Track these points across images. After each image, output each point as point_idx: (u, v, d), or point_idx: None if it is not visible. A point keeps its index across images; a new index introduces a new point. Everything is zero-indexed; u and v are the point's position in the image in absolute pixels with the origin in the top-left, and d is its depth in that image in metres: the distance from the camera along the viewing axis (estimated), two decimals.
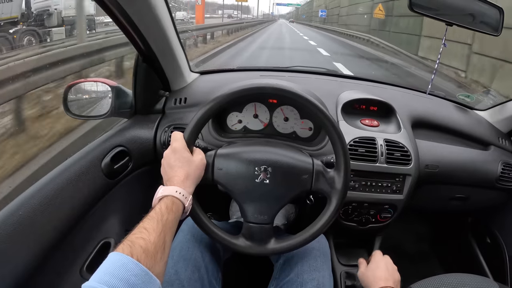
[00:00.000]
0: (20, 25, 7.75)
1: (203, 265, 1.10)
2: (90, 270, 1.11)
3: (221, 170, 1.01)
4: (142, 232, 0.73)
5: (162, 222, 0.77)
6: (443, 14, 1.33)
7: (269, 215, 1.01)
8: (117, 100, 1.36)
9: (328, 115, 1.00)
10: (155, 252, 0.71)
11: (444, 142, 1.50)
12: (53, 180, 1.06)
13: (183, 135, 0.99)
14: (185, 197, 0.87)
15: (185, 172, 0.92)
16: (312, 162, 1.04)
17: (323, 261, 1.16)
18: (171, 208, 0.83)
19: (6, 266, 0.86)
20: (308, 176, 1.01)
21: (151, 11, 1.15)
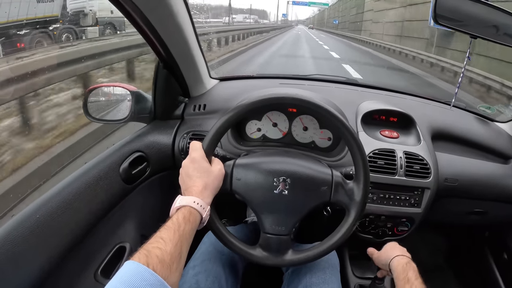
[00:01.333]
0: (60, 23, 8.73)
1: (223, 276, 1.11)
2: (104, 274, 1.12)
3: (240, 181, 1.00)
4: (158, 242, 0.73)
5: (179, 233, 0.77)
6: (467, 25, 1.31)
7: (287, 227, 1.00)
8: (137, 105, 1.37)
9: (348, 127, 0.99)
10: (171, 263, 0.71)
11: (464, 155, 1.47)
12: (71, 184, 1.06)
13: (202, 144, 0.99)
14: (202, 207, 0.87)
15: (204, 182, 0.92)
16: (331, 173, 1.02)
17: (332, 273, 1.15)
18: (188, 218, 0.83)
19: (23, 268, 0.86)
20: (327, 188, 1.00)
21: (173, 18, 1.16)
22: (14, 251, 0.85)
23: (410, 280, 0.89)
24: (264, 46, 18.87)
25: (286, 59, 13.94)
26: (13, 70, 4.22)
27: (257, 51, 15.63)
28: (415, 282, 0.88)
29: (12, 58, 5.65)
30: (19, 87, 4.11)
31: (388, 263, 1.03)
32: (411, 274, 0.92)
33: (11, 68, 4.37)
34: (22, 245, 0.86)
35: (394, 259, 1.01)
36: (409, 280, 0.90)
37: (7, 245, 0.84)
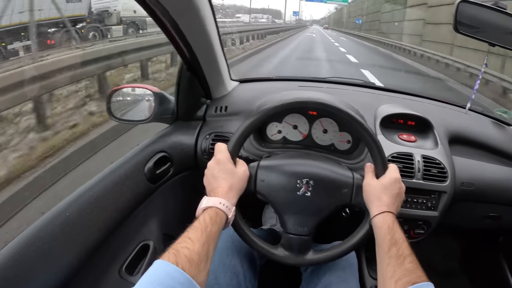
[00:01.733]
0: (87, 22, 9.73)
1: (241, 272, 1.12)
2: (128, 270, 1.15)
3: (264, 182, 1.03)
4: (187, 242, 0.75)
5: (206, 233, 0.80)
6: (485, 33, 1.32)
7: (309, 227, 1.03)
8: (160, 106, 1.39)
9: (370, 131, 1.01)
10: (199, 262, 0.73)
11: (480, 159, 1.47)
12: (99, 183, 1.10)
13: (227, 146, 1.01)
14: (228, 208, 0.89)
15: (229, 183, 0.94)
16: (352, 176, 1.05)
17: (351, 272, 1.16)
18: (215, 219, 0.85)
19: (51, 264, 0.89)
20: (348, 190, 1.03)
21: (201, 22, 1.18)
22: (45, 248, 0.88)
23: (398, 242, 0.85)
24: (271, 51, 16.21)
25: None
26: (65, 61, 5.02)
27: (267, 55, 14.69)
28: (403, 245, 0.85)
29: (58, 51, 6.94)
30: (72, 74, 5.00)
31: (371, 217, 0.96)
32: (398, 235, 0.87)
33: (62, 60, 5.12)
34: (52, 242, 0.89)
35: (379, 215, 0.93)
36: (396, 241, 0.85)
37: (37, 242, 0.87)
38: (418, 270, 0.79)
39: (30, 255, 0.84)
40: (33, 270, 0.85)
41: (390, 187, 0.98)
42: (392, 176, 1.00)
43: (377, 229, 0.92)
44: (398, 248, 0.84)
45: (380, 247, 0.88)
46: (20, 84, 3.98)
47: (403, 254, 0.82)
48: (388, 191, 0.97)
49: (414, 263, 0.80)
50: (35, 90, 4.17)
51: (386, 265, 0.83)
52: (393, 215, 0.93)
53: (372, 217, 0.95)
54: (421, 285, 0.74)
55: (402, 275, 0.78)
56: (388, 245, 0.86)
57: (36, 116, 4.33)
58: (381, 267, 0.85)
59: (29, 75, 4.20)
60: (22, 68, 4.61)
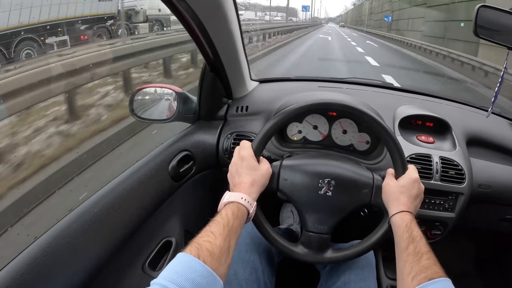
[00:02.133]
0: (117, 19, 10.59)
1: (260, 267, 1.14)
2: (151, 266, 1.18)
3: (287, 181, 1.06)
4: (209, 236, 0.77)
5: (228, 228, 0.81)
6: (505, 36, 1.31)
7: (329, 226, 1.05)
8: (183, 106, 1.43)
9: (390, 132, 1.03)
10: (220, 255, 0.75)
11: (497, 161, 1.46)
12: (125, 181, 1.13)
13: (251, 144, 1.04)
14: (250, 203, 0.91)
15: (252, 179, 0.96)
16: (372, 176, 1.07)
17: (369, 271, 1.18)
18: (237, 214, 0.86)
19: (80, 258, 0.93)
20: (369, 190, 1.04)
21: (227, 26, 1.21)
22: (74, 243, 0.91)
23: (415, 240, 0.86)
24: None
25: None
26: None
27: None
28: (420, 242, 0.85)
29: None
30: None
31: (390, 216, 0.98)
32: (416, 232, 0.88)
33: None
34: (81, 237, 0.93)
35: (397, 215, 0.95)
36: (414, 239, 0.86)
37: (67, 238, 0.91)
38: (435, 266, 0.79)
39: (59, 250, 0.88)
40: (63, 263, 0.88)
41: (409, 187, 0.99)
42: (410, 177, 1.01)
43: (395, 228, 0.94)
44: (416, 245, 0.85)
45: (398, 244, 0.90)
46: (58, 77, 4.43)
47: (421, 251, 0.83)
48: (407, 191, 0.98)
49: (431, 259, 0.81)
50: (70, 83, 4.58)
51: (404, 262, 0.84)
52: (411, 214, 0.94)
53: (391, 216, 0.97)
54: (437, 281, 0.75)
55: (419, 271, 0.78)
56: (406, 242, 0.87)
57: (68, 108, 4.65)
58: (399, 264, 0.87)
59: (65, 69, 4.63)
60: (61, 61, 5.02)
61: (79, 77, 4.79)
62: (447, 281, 0.76)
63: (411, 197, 0.98)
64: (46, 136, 3.99)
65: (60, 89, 4.41)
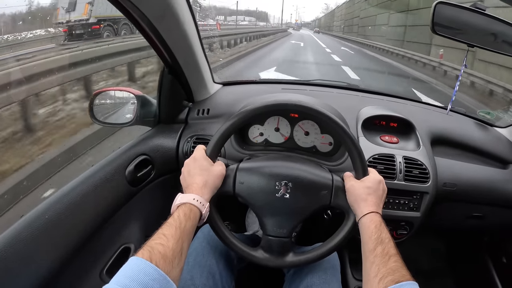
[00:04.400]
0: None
1: (217, 272, 1.12)
2: (109, 273, 1.14)
3: (243, 184, 1.03)
4: (161, 238, 0.76)
5: (180, 229, 0.80)
6: (464, 34, 1.32)
7: (288, 229, 1.03)
8: (142, 109, 1.40)
9: (348, 133, 1.01)
10: (173, 258, 0.74)
11: (463, 159, 1.47)
12: (79, 186, 1.09)
13: (206, 149, 1.02)
14: (202, 204, 0.90)
15: (204, 179, 0.95)
16: (331, 178, 1.05)
17: (333, 274, 1.16)
18: (189, 215, 0.85)
19: (30, 267, 0.89)
20: (328, 192, 1.02)
21: (180, 26, 1.19)
22: (24, 251, 0.87)
23: (384, 241, 0.85)
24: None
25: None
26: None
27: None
28: (388, 244, 0.85)
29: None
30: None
31: (358, 217, 0.96)
32: (384, 235, 0.87)
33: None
34: (31, 244, 0.89)
35: (366, 216, 0.93)
36: (382, 241, 0.85)
37: (17, 245, 0.86)
38: (402, 269, 0.78)
39: (8, 258, 0.84)
40: (11, 273, 0.84)
41: (375, 188, 0.99)
42: (375, 178, 1.01)
43: (364, 229, 0.92)
44: (384, 247, 0.84)
45: (366, 245, 0.88)
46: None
47: (389, 253, 0.82)
48: (374, 192, 0.98)
49: (398, 262, 0.80)
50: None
51: (371, 263, 0.83)
52: (380, 216, 0.94)
53: (360, 217, 0.95)
54: (404, 284, 0.74)
55: (386, 274, 0.77)
56: (374, 244, 0.86)
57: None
58: (366, 265, 0.85)
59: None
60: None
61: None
62: (414, 284, 0.74)
63: (378, 197, 0.98)
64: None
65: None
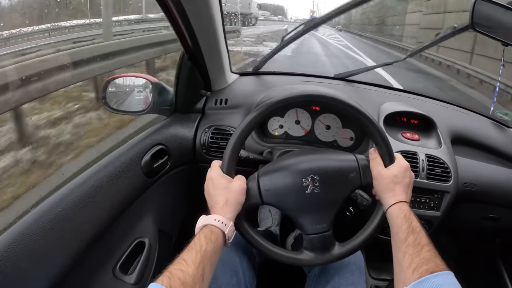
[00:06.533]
0: (250, 15, 29.27)
1: (240, 270, 1.09)
2: (123, 269, 1.09)
3: (269, 191, 0.96)
4: (181, 264, 0.74)
5: (200, 253, 0.77)
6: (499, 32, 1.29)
7: (327, 222, 0.97)
8: (158, 97, 1.34)
9: (375, 123, 0.98)
10: (193, 284, 0.71)
11: (481, 160, 1.45)
12: (93, 177, 1.04)
13: (220, 164, 0.97)
14: (224, 224, 0.86)
15: (224, 198, 0.90)
16: (355, 158, 1.01)
17: (359, 276, 1.12)
18: (210, 237, 0.82)
19: (41, 264, 0.84)
20: (356, 173, 0.98)
21: (208, 9, 1.15)
22: (34, 246, 0.82)
23: (415, 231, 0.83)
24: None
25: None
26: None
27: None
28: (420, 234, 0.82)
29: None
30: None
31: (386, 207, 0.94)
32: (415, 223, 0.85)
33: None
34: (42, 240, 0.84)
35: (394, 205, 0.91)
36: (413, 230, 0.83)
37: (26, 240, 0.81)
38: (436, 258, 0.76)
39: (17, 254, 0.79)
40: (21, 270, 0.79)
41: (402, 176, 0.95)
42: (402, 165, 0.98)
43: (393, 219, 0.90)
44: (416, 236, 0.81)
45: (397, 236, 0.85)
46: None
47: (421, 243, 0.80)
48: (401, 181, 0.95)
49: (432, 251, 0.78)
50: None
51: (403, 254, 0.80)
52: (408, 205, 0.91)
53: (388, 207, 0.92)
54: (439, 274, 0.72)
55: (420, 264, 0.75)
56: (406, 233, 0.83)
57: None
58: (397, 256, 0.82)
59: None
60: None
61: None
62: (450, 274, 0.73)
63: (405, 186, 0.95)
64: None
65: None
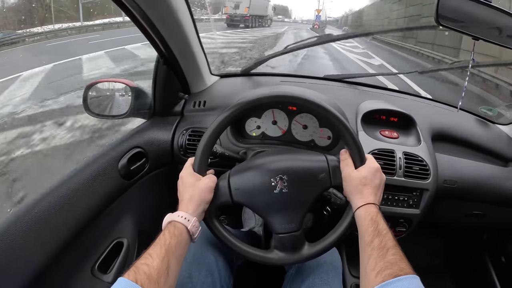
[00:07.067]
0: (266, 17, 33.04)
1: (216, 270, 1.09)
2: (101, 269, 1.12)
3: (239, 190, 0.98)
4: (146, 258, 0.76)
5: (165, 247, 0.80)
6: (469, 27, 1.29)
7: (296, 222, 0.98)
8: (136, 101, 1.37)
9: (347, 126, 0.98)
10: (158, 277, 0.74)
11: (463, 156, 1.44)
12: (70, 180, 1.07)
13: (192, 163, 0.99)
14: (187, 219, 0.88)
15: (189, 195, 0.93)
16: (325, 159, 1.01)
17: (334, 275, 1.13)
18: (173, 232, 0.84)
19: (19, 263, 0.87)
20: (325, 174, 0.98)
21: (173, 14, 1.15)
22: (13, 246, 0.86)
23: (381, 233, 0.82)
24: None
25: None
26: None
27: None
28: (386, 236, 0.81)
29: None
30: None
31: (354, 209, 0.93)
32: (381, 226, 0.84)
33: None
34: (20, 240, 0.87)
35: (362, 208, 0.91)
36: (379, 233, 0.82)
37: (5, 240, 0.85)
38: (401, 262, 0.75)
39: None
40: (0, 268, 0.83)
41: (371, 178, 0.95)
42: (371, 166, 0.97)
43: (360, 221, 0.89)
44: (381, 239, 0.81)
45: (363, 238, 0.85)
46: None
47: (386, 246, 0.79)
48: (370, 182, 0.94)
49: (397, 255, 0.77)
50: None
51: (368, 256, 0.80)
52: (377, 207, 0.91)
53: (356, 209, 0.92)
54: (403, 278, 0.70)
55: (384, 267, 0.74)
56: (371, 236, 0.83)
57: None
58: (363, 259, 0.82)
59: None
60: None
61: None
62: (415, 278, 0.71)
63: (375, 187, 0.94)
64: None
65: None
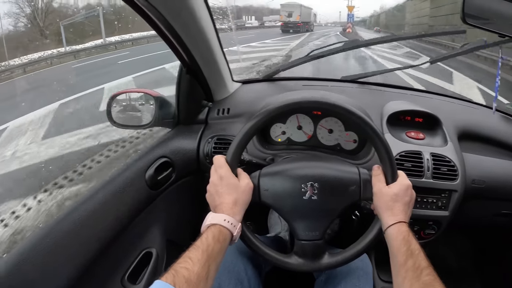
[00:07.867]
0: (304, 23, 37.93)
1: (246, 278, 1.08)
2: (131, 279, 1.12)
3: (268, 191, 0.98)
4: (186, 262, 0.74)
5: (207, 253, 0.78)
6: (495, 24, 1.27)
7: (320, 231, 0.97)
8: (160, 110, 1.38)
9: (375, 129, 0.96)
10: (198, 282, 0.72)
11: (490, 155, 1.41)
12: (98, 193, 1.08)
13: (225, 158, 0.97)
14: (233, 225, 0.86)
15: (234, 198, 0.91)
16: (358, 171, 0.99)
17: (365, 281, 1.11)
18: (218, 238, 0.82)
19: (50, 277, 0.87)
20: (356, 187, 0.97)
21: (196, 23, 1.16)
22: (42, 261, 0.86)
23: (414, 254, 0.81)
24: None
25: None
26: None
27: None
28: (419, 257, 0.80)
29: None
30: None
31: (384, 227, 0.92)
32: (414, 246, 0.83)
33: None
34: (49, 255, 0.88)
35: (392, 226, 0.89)
36: (412, 253, 0.81)
37: (34, 256, 0.86)
38: (435, 282, 0.75)
39: (26, 270, 0.83)
40: (30, 282, 0.83)
41: (402, 195, 0.93)
42: (403, 183, 0.96)
43: (391, 241, 0.88)
44: (415, 260, 0.80)
45: (395, 258, 0.84)
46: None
47: (420, 267, 0.78)
48: (401, 199, 0.93)
49: (431, 275, 0.76)
50: None
51: (402, 278, 0.79)
52: (407, 225, 0.89)
53: (386, 228, 0.91)
54: None
55: None
56: (404, 257, 0.82)
57: None
58: (397, 280, 0.81)
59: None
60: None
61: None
62: None
63: (405, 205, 0.93)
64: None
65: None
